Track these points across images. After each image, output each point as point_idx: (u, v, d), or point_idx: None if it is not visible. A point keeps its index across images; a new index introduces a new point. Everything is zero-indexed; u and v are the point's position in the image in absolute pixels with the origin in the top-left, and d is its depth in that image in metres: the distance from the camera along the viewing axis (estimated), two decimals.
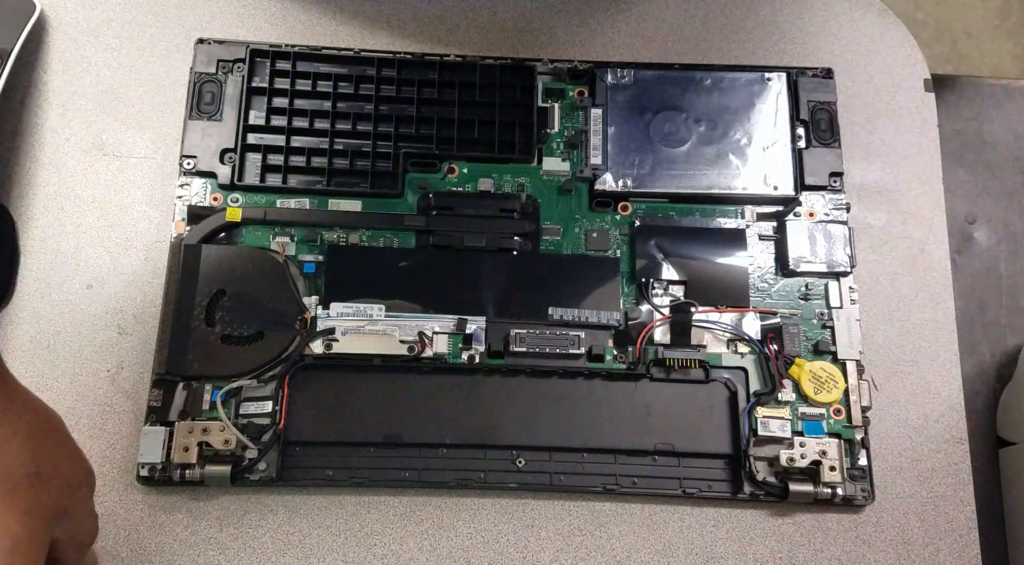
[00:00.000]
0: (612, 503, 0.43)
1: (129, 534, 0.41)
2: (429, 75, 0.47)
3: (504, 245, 0.45)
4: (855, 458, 0.43)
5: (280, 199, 0.46)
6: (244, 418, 0.42)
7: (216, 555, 0.41)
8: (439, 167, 0.47)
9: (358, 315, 0.43)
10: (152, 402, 0.42)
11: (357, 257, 0.45)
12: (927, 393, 0.45)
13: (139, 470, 0.41)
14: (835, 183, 0.47)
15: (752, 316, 0.44)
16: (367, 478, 0.42)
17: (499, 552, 0.42)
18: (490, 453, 0.42)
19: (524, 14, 0.51)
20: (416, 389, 0.43)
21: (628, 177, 0.46)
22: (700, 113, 0.47)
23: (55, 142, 0.47)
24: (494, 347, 0.43)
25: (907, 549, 0.43)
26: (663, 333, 0.44)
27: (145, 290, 0.45)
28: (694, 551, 0.42)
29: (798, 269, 0.45)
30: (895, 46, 0.51)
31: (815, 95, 0.48)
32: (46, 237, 0.46)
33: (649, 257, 0.45)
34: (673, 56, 0.50)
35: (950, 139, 0.51)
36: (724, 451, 0.43)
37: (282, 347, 0.43)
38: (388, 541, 0.42)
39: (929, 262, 0.47)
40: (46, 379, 0.43)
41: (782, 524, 0.43)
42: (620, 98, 0.47)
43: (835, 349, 0.44)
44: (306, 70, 0.47)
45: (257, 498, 0.42)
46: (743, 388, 0.43)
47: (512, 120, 0.47)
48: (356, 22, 0.51)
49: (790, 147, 0.46)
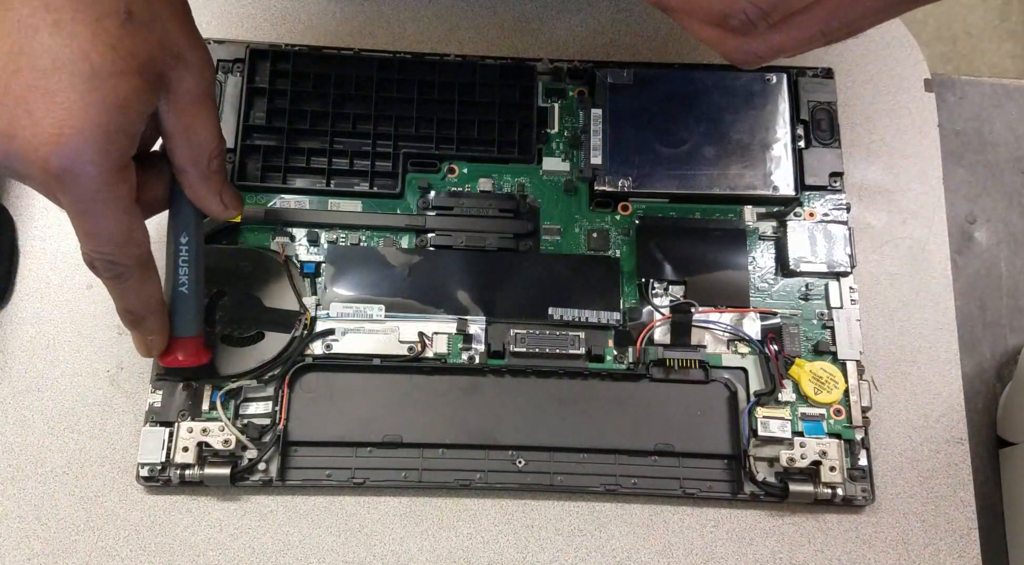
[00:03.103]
0: (612, 503, 0.43)
1: (129, 534, 0.41)
2: (429, 75, 0.47)
3: (504, 245, 0.45)
4: (855, 458, 0.43)
5: (280, 199, 0.46)
6: (244, 418, 0.42)
7: (216, 555, 0.41)
8: (439, 167, 0.47)
9: (358, 315, 0.43)
10: (152, 402, 0.42)
11: (357, 257, 0.45)
12: (927, 393, 0.45)
13: (139, 470, 0.41)
14: (835, 183, 0.47)
15: (752, 316, 0.44)
16: (367, 478, 0.42)
17: (499, 552, 0.42)
18: (490, 453, 0.42)
19: (524, 14, 0.51)
20: (416, 389, 0.43)
21: (628, 177, 0.46)
22: (700, 113, 0.47)
23: None
24: (494, 347, 0.43)
25: (907, 549, 0.43)
26: (663, 333, 0.44)
27: None
28: (694, 551, 0.42)
29: (798, 269, 0.45)
30: (895, 46, 0.51)
31: (815, 95, 0.48)
32: (46, 237, 0.46)
33: (649, 257, 0.45)
34: (673, 56, 0.50)
35: (950, 139, 0.51)
36: (724, 451, 0.43)
37: (282, 347, 0.43)
38: (388, 541, 0.42)
39: (929, 262, 0.47)
40: (46, 379, 0.43)
41: (782, 524, 0.43)
42: (620, 98, 0.47)
43: (835, 349, 0.44)
44: (306, 70, 0.47)
45: (257, 499, 0.42)
46: (743, 388, 0.43)
47: (512, 120, 0.47)
48: (356, 22, 0.51)
49: (790, 147, 0.46)
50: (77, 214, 0.32)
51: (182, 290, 0.38)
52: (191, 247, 0.38)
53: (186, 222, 0.38)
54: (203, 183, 0.36)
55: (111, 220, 0.32)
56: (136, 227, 0.34)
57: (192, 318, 0.39)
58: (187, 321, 0.39)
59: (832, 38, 0.30)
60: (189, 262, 0.38)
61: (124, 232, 0.33)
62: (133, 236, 0.34)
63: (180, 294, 0.38)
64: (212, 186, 0.36)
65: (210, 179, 0.36)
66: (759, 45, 0.31)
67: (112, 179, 0.31)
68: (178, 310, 0.38)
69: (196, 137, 0.34)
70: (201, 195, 0.36)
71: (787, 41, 0.30)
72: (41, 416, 0.43)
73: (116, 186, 0.32)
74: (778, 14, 0.29)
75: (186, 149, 0.34)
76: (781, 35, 0.30)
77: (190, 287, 0.38)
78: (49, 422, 0.43)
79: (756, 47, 0.31)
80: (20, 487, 0.42)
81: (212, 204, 0.37)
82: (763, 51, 0.31)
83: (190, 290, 0.38)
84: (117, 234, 0.33)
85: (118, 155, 0.31)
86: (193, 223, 0.38)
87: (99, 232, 0.33)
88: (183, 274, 0.38)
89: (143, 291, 0.36)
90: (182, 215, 0.38)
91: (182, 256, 0.38)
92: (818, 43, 0.31)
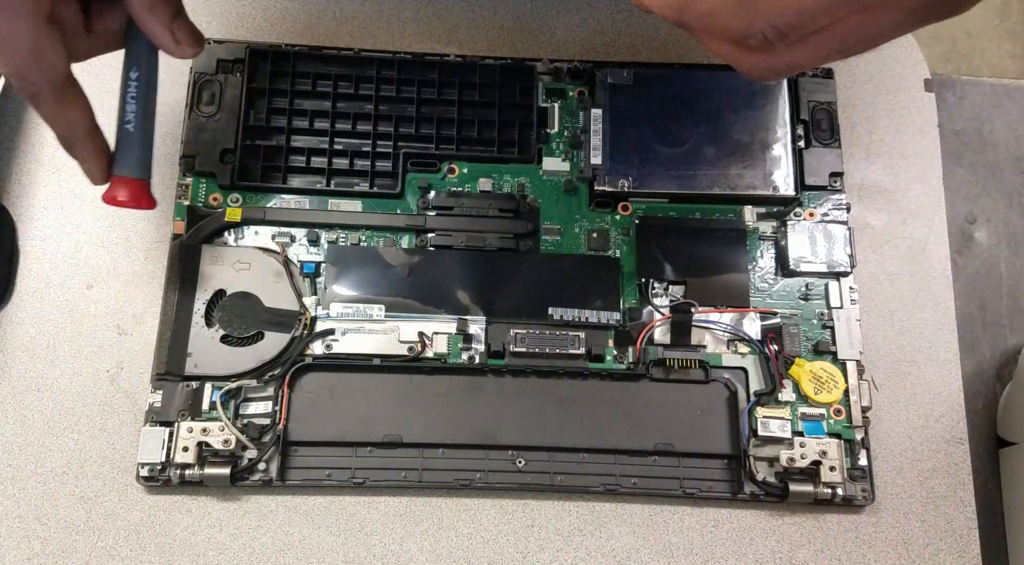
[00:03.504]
0: (612, 503, 0.43)
1: (129, 534, 0.41)
2: (429, 75, 0.47)
3: (504, 245, 0.45)
4: (855, 458, 0.43)
5: (280, 199, 0.46)
6: (244, 418, 0.42)
7: (216, 555, 0.41)
8: (439, 167, 0.47)
9: (358, 315, 0.43)
10: (152, 402, 0.42)
11: (357, 257, 0.45)
12: (927, 393, 0.45)
13: (139, 470, 0.41)
14: (835, 183, 0.47)
15: (752, 316, 0.44)
16: (367, 478, 0.42)
17: (499, 552, 0.42)
18: (490, 453, 0.42)
19: (524, 14, 0.51)
20: (416, 389, 0.43)
21: (628, 177, 0.46)
22: (700, 113, 0.47)
23: (55, 142, 0.47)
24: (494, 347, 0.43)
25: (907, 549, 0.43)
26: (663, 333, 0.44)
27: (145, 290, 0.45)
28: (694, 551, 0.42)
29: (798, 269, 0.45)
30: (895, 46, 0.51)
31: (815, 95, 0.48)
32: (46, 237, 0.46)
33: (649, 257, 0.45)
34: (673, 56, 0.50)
35: (950, 139, 0.51)
36: (724, 451, 0.43)
37: (282, 347, 0.43)
38: (388, 541, 0.42)
39: (929, 262, 0.47)
40: (46, 379, 0.43)
41: (782, 524, 0.43)
42: (620, 98, 0.47)
43: (835, 349, 0.44)
44: (306, 70, 0.47)
45: (257, 499, 0.42)
46: (743, 388, 0.43)
47: (512, 120, 0.47)
48: (356, 22, 0.51)
49: (790, 147, 0.46)
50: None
51: (127, 127, 0.36)
52: (140, 84, 0.36)
53: (137, 57, 0.36)
54: (147, 13, 0.33)
55: (15, 29, 0.31)
56: (46, 45, 0.32)
57: (136, 158, 0.37)
58: (130, 160, 0.37)
59: (848, 54, 0.31)
60: (138, 99, 0.36)
61: (30, 46, 0.31)
62: (42, 54, 0.32)
63: (125, 132, 0.36)
64: (159, 17, 0.34)
65: (155, 9, 0.33)
66: (777, 62, 0.31)
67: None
68: (122, 148, 0.37)
69: None
70: (148, 27, 0.34)
71: (804, 58, 0.31)
72: (41, 416, 0.43)
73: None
74: (796, 34, 0.30)
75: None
76: (798, 52, 0.31)
77: (136, 125, 0.36)
78: (49, 422, 0.43)
79: (774, 64, 0.31)
80: (20, 487, 0.42)
81: (162, 38, 0.34)
82: (781, 67, 0.32)
83: (136, 128, 0.36)
84: (22, 47, 0.31)
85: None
86: (144, 59, 0.36)
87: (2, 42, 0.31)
88: (130, 111, 0.36)
89: (63, 115, 0.35)
90: (134, 50, 0.36)
91: (130, 92, 0.36)
92: (834, 58, 0.31)
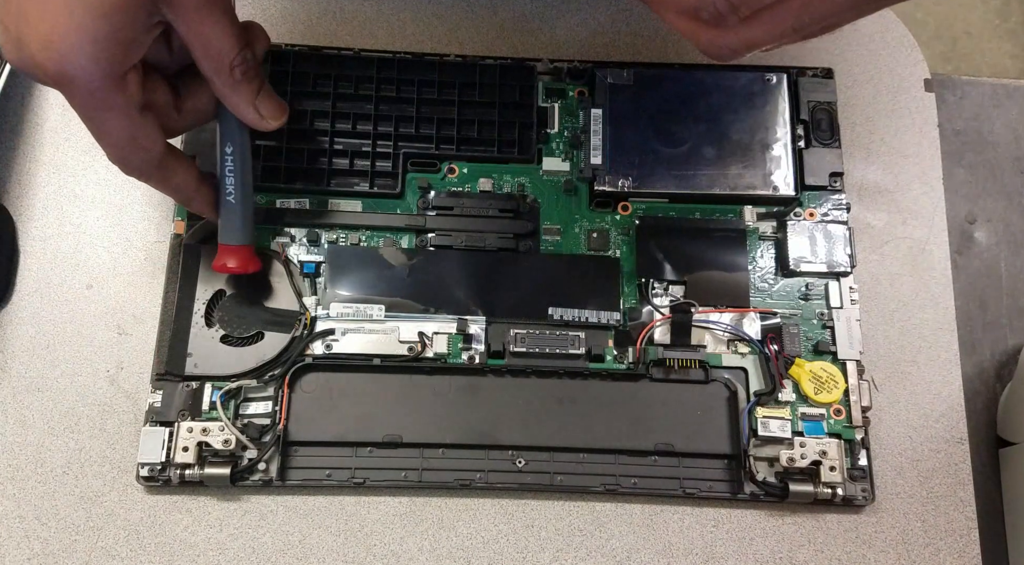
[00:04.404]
0: (612, 503, 0.43)
1: (129, 534, 0.41)
2: (429, 75, 0.47)
3: (504, 245, 0.45)
4: (855, 458, 0.43)
5: (280, 199, 0.46)
6: (244, 418, 0.42)
7: (216, 555, 0.41)
8: (439, 167, 0.47)
9: (358, 315, 0.43)
10: (152, 402, 0.42)
11: (357, 257, 0.45)
12: (927, 393, 0.45)
13: (139, 470, 0.41)
14: (835, 183, 0.47)
15: (752, 316, 0.44)
16: (367, 478, 0.42)
17: (499, 552, 0.42)
18: (490, 453, 0.42)
19: (524, 14, 0.51)
20: (416, 389, 0.43)
21: (628, 177, 0.46)
22: (700, 113, 0.47)
23: (55, 142, 0.47)
24: (494, 347, 0.43)
25: (907, 549, 0.43)
26: (663, 333, 0.44)
27: (145, 290, 0.45)
28: (694, 551, 0.42)
29: (798, 269, 0.45)
30: (895, 46, 0.51)
31: (815, 95, 0.48)
32: (46, 237, 0.46)
33: (649, 257, 0.45)
34: (673, 56, 0.50)
35: (950, 139, 0.51)
36: (724, 451, 0.43)
37: (282, 347, 0.43)
38: (388, 541, 0.42)
39: (929, 262, 0.47)
40: (46, 379, 0.43)
41: (782, 524, 0.43)
42: (620, 98, 0.47)
43: (835, 349, 0.44)
44: (306, 70, 0.47)
45: (257, 499, 0.42)
46: (743, 388, 0.43)
47: (512, 120, 0.47)
48: (356, 22, 0.51)
49: (790, 147, 0.46)
50: (82, 118, 0.33)
51: (228, 199, 0.39)
52: (235, 157, 0.39)
53: (229, 132, 0.38)
54: (231, 92, 0.35)
55: (113, 125, 0.33)
56: (141, 133, 0.34)
57: (238, 227, 0.40)
58: (233, 229, 0.40)
59: (805, 33, 0.31)
60: (235, 172, 0.39)
61: (127, 137, 0.34)
62: (138, 141, 0.34)
63: (227, 203, 0.39)
64: (242, 95, 0.36)
65: (237, 88, 0.35)
66: (731, 38, 0.31)
67: (107, 86, 0.31)
68: (225, 218, 0.40)
69: (210, 46, 0.34)
70: (233, 104, 0.36)
71: (759, 35, 0.31)
72: (41, 416, 0.43)
73: (112, 94, 0.32)
74: (747, 8, 0.30)
75: (204, 59, 0.34)
76: (752, 29, 0.31)
77: (236, 197, 0.39)
78: (49, 422, 0.43)
79: (728, 40, 0.31)
80: (20, 487, 0.42)
81: (246, 113, 0.36)
82: (736, 45, 0.31)
83: (236, 199, 0.39)
84: (121, 139, 0.34)
85: (109, 63, 0.31)
86: (236, 133, 0.38)
87: (102, 135, 0.34)
88: (228, 184, 0.39)
89: (169, 184, 0.37)
90: (225, 125, 0.38)
91: (227, 166, 0.39)
92: (792, 38, 0.31)
